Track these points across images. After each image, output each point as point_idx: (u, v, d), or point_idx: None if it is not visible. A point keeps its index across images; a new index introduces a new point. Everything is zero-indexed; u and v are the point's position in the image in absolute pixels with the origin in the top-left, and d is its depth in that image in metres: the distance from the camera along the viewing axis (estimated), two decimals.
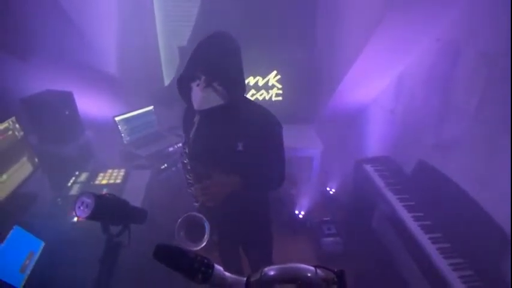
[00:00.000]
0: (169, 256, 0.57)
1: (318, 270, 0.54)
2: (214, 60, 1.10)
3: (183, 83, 1.20)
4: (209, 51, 1.12)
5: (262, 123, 1.24)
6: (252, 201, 1.38)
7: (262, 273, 0.56)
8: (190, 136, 1.20)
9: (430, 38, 2.00)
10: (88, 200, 0.80)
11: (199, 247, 1.05)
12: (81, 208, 0.80)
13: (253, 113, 1.26)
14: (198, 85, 1.13)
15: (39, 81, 2.25)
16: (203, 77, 1.10)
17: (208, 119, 1.21)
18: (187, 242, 1.04)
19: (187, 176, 1.30)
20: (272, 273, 0.55)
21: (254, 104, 1.31)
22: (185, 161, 1.23)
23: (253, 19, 2.45)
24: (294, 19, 2.61)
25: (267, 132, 1.24)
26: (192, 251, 0.59)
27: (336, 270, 0.54)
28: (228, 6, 2.52)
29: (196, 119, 1.19)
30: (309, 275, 0.53)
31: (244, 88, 1.24)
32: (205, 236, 1.08)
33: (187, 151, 1.22)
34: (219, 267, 0.59)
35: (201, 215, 1.11)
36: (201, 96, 1.13)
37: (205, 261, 0.58)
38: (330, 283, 0.53)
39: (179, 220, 1.08)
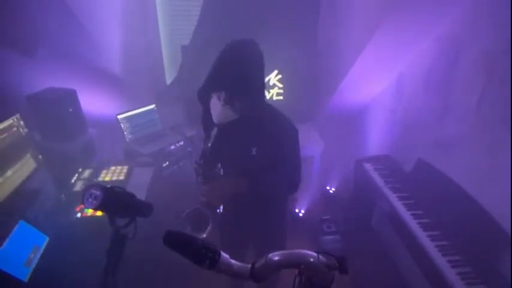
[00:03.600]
0: (178, 242, 0.60)
1: (320, 256, 0.56)
2: (235, 79, 1.10)
3: (204, 97, 1.20)
4: (231, 69, 1.10)
5: (278, 130, 1.24)
6: (267, 207, 1.38)
7: (267, 259, 0.59)
8: (207, 148, 1.21)
9: (430, 38, 2.02)
10: (96, 192, 0.82)
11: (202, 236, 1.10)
12: (90, 200, 0.82)
13: (270, 119, 1.26)
14: (218, 98, 1.13)
15: (43, 78, 2.28)
16: (223, 94, 1.10)
17: (226, 131, 1.21)
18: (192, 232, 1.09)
19: (198, 179, 1.33)
20: (276, 258, 0.58)
21: (270, 109, 1.30)
22: (200, 170, 1.26)
23: (255, 18, 2.47)
24: (296, 18, 2.63)
25: (282, 139, 1.24)
26: (199, 238, 0.61)
27: (337, 256, 0.57)
28: (230, 5, 2.54)
29: (214, 132, 1.20)
30: (312, 260, 0.56)
31: (263, 99, 1.24)
32: (208, 228, 1.12)
33: (202, 162, 1.24)
34: (225, 255, 0.61)
35: (205, 210, 1.14)
36: (220, 111, 1.13)
37: (212, 247, 0.60)
38: (331, 268, 0.56)
39: (183, 214, 1.12)
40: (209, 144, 1.20)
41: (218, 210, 1.31)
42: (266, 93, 2.83)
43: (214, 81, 1.13)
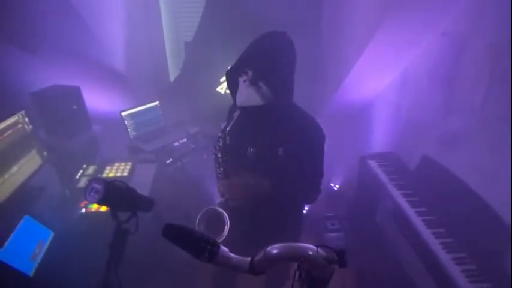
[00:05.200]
0: (177, 235, 0.60)
1: (320, 249, 0.56)
2: (263, 58, 1.09)
3: (231, 77, 1.18)
4: (260, 49, 1.11)
5: (306, 132, 1.20)
6: (283, 210, 1.32)
7: (266, 252, 0.58)
8: (227, 130, 1.18)
9: (435, 33, 2.00)
10: (98, 186, 0.83)
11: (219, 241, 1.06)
12: (92, 194, 0.83)
13: (298, 119, 1.22)
14: (244, 81, 1.11)
15: (48, 76, 2.30)
16: (250, 74, 1.09)
17: (248, 117, 1.18)
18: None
19: (218, 170, 1.30)
20: (275, 251, 0.57)
21: (300, 110, 1.26)
22: (218, 155, 1.22)
23: (258, 16, 2.46)
24: (299, 15, 2.62)
25: (309, 142, 1.19)
26: (198, 231, 0.61)
27: (336, 249, 0.56)
28: (233, 2, 2.53)
29: (236, 114, 1.17)
30: (311, 253, 0.55)
31: (291, 92, 1.20)
32: (225, 230, 1.08)
33: (221, 144, 1.20)
34: (224, 248, 0.61)
35: (221, 210, 1.10)
36: (245, 93, 1.12)
37: (211, 240, 0.60)
38: (331, 261, 0.55)
39: (200, 213, 1.09)
40: (228, 128, 1.16)
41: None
42: None
43: (242, 59, 1.12)
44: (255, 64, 1.09)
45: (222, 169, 1.27)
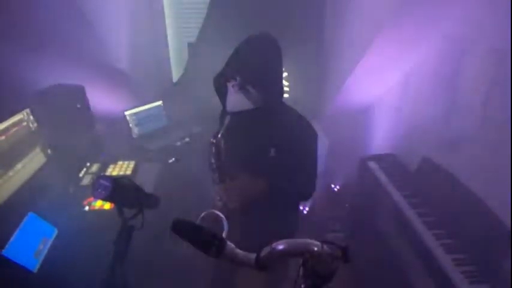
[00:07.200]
0: (186, 230, 0.62)
1: (324, 245, 0.57)
2: (250, 62, 1.09)
3: (219, 83, 1.19)
4: (246, 53, 1.11)
5: (297, 131, 1.21)
6: (278, 211, 1.31)
7: (272, 247, 0.60)
8: (218, 136, 1.18)
9: (437, 36, 2.01)
10: (106, 183, 0.84)
11: None
12: (99, 190, 0.85)
13: (289, 120, 1.23)
14: (233, 86, 1.11)
15: (52, 74, 2.31)
16: (238, 79, 1.09)
17: (239, 121, 1.18)
18: None
19: (213, 176, 1.30)
20: (281, 247, 0.59)
21: (291, 110, 1.27)
22: (212, 161, 1.23)
23: (261, 16, 2.48)
24: (303, 16, 2.63)
25: (301, 141, 1.21)
26: (206, 227, 0.63)
27: (341, 245, 0.58)
28: (237, 4, 2.55)
29: (227, 120, 1.17)
30: (316, 249, 0.57)
31: (281, 93, 1.20)
32: (223, 235, 1.09)
33: (213, 150, 1.20)
34: (230, 244, 0.63)
35: (219, 214, 1.09)
36: (234, 98, 1.12)
37: (219, 235, 0.62)
38: (335, 257, 0.57)
39: (199, 218, 1.10)
40: (219, 134, 1.17)
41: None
42: None
43: (229, 65, 1.12)
44: (242, 69, 1.09)
45: (216, 174, 1.27)
